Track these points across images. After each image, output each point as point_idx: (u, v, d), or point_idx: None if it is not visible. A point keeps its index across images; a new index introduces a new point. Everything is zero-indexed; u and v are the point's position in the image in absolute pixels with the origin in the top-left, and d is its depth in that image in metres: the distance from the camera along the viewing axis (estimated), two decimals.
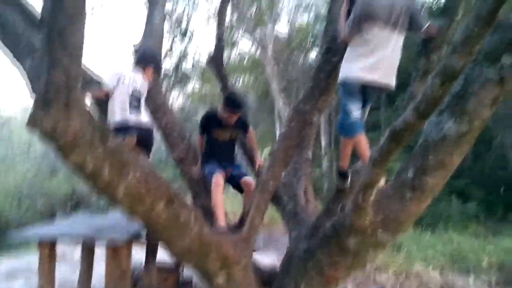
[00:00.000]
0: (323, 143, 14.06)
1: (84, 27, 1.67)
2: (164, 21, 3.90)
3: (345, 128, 3.09)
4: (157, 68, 3.44)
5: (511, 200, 12.49)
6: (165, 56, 10.62)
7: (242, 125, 3.95)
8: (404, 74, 12.12)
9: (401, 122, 1.80)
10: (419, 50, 3.23)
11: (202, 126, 3.91)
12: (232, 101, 3.77)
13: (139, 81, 3.35)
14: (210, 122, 3.88)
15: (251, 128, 4.04)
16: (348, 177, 3.17)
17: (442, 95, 1.63)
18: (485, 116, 2.24)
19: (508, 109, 11.97)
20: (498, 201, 12.54)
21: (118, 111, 3.30)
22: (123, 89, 3.30)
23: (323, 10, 13.85)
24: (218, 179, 3.53)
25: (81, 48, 1.67)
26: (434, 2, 11.51)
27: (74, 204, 16.64)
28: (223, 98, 3.86)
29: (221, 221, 3.45)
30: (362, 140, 2.99)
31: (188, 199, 3.87)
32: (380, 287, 5.80)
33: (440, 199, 10.51)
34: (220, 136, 3.87)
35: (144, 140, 3.32)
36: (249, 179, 3.71)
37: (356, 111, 3.04)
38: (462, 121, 2.24)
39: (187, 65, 13.05)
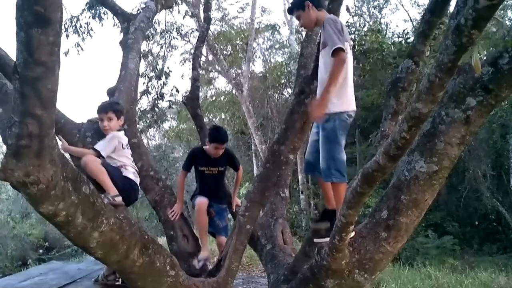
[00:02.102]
0: (300, 180, 14.11)
1: (57, 75, 1.67)
2: (139, 65, 3.95)
3: (341, 170, 2.88)
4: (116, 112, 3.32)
5: (486, 232, 12.69)
6: (141, 96, 10.64)
7: (229, 161, 4.13)
8: (376, 111, 12.43)
9: (372, 164, 1.84)
10: (388, 91, 3.32)
11: (188, 162, 4.06)
12: (219, 134, 3.95)
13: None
14: (197, 159, 4.04)
15: (240, 168, 4.25)
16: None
17: (410, 139, 1.68)
18: (454, 155, 2.31)
19: (479, 142, 12.33)
20: (473, 233, 12.73)
21: (131, 171, 3.28)
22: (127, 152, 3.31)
23: (297, 48, 14.20)
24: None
25: (54, 96, 1.67)
26: (403, 40, 11.93)
27: (47, 248, 16.18)
28: (208, 133, 4.02)
29: (204, 251, 3.67)
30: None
31: (164, 242, 3.82)
32: None
33: (417, 233, 10.60)
34: (208, 170, 4.02)
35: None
36: (223, 239, 3.87)
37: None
38: (432, 160, 2.30)
39: (163, 104, 13.07)
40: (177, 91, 11.57)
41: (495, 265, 9.02)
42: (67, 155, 2.80)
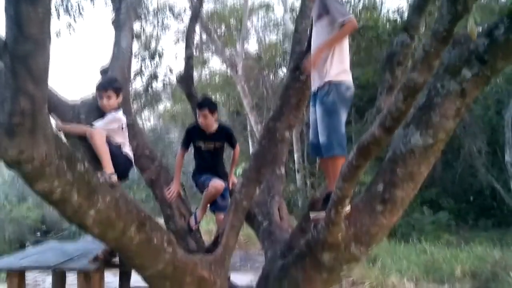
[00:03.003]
0: (296, 159, 14.14)
1: (49, 52, 1.65)
2: (132, 44, 3.90)
3: (341, 144, 2.88)
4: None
5: (481, 207, 12.81)
6: (135, 77, 10.57)
7: (227, 137, 4.12)
8: (371, 89, 12.41)
9: (368, 137, 1.84)
10: (383, 65, 3.30)
11: (185, 138, 4.10)
12: (199, 101, 4.02)
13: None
14: (192, 134, 4.05)
15: (237, 146, 4.25)
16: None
17: (406, 110, 1.68)
18: (450, 128, 2.31)
19: (474, 118, 12.36)
20: (468, 209, 12.85)
21: (127, 149, 3.33)
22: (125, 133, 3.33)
23: (292, 27, 14.08)
24: (219, 184, 3.78)
25: (46, 72, 1.65)
26: (398, 18, 11.85)
27: (44, 231, 16.24)
28: None
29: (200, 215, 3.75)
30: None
31: (161, 221, 3.83)
32: None
33: (412, 210, 10.70)
34: (205, 146, 4.02)
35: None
36: (222, 217, 3.82)
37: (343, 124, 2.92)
38: (427, 133, 2.30)
39: (157, 85, 13.02)
40: (171, 71, 11.51)
41: (490, 239, 9.13)
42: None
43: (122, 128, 3.28)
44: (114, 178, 2.81)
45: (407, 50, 3.22)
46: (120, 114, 3.29)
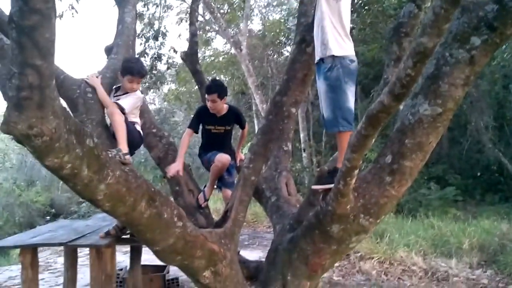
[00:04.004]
0: (302, 138, 14.13)
1: (54, 24, 1.64)
2: (135, 20, 3.87)
3: (348, 118, 2.82)
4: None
5: (488, 183, 12.80)
6: (139, 57, 10.51)
7: (236, 118, 4.13)
8: (377, 66, 12.29)
9: (377, 105, 1.83)
10: (390, 37, 3.26)
11: (194, 120, 4.05)
12: (208, 85, 3.95)
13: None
14: (202, 116, 4.02)
15: (246, 125, 4.25)
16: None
17: (415, 76, 1.66)
18: (458, 97, 2.29)
19: (481, 94, 12.26)
20: (475, 185, 12.84)
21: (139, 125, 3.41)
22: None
23: (295, 5, 13.91)
24: (226, 159, 3.80)
25: (52, 45, 1.64)
26: None
27: (53, 214, 16.41)
28: None
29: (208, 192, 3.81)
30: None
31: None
32: (365, 276, 5.87)
33: (420, 186, 10.70)
34: (215, 129, 4.02)
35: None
36: (229, 193, 3.87)
37: (353, 98, 2.86)
38: (436, 102, 2.29)
39: (161, 67, 12.97)
40: (175, 51, 11.42)
41: (497, 214, 9.15)
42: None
43: (138, 108, 3.39)
44: (128, 157, 2.82)
45: (415, 21, 3.17)
46: (141, 94, 3.40)
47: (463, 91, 2.30)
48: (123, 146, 2.91)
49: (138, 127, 3.36)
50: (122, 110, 3.12)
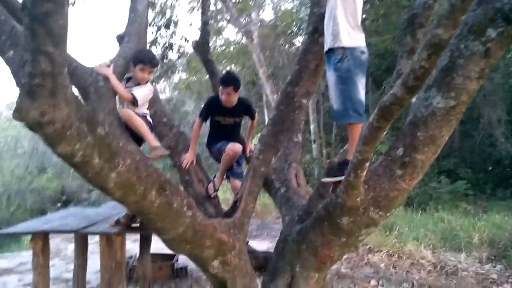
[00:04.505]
0: (312, 129, 14.09)
1: (67, 11, 1.63)
2: (147, 9, 3.86)
3: (358, 110, 2.77)
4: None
5: (499, 177, 12.67)
6: (150, 47, 10.52)
7: (246, 110, 4.09)
8: (389, 58, 12.14)
9: (390, 97, 1.81)
10: (404, 28, 3.22)
11: (204, 111, 4.02)
12: (223, 77, 3.89)
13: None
14: (213, 107, 3.98)
15: (256, 117, 4.19)
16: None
17: (429, 68, 1.63)
18: (473, 90, 2.26)
19: (494, 87, 12.10)
20: (487, 179, 12.73)
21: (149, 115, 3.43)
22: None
23: None
24: (238, 148, 3.76)
25: (65, 33, 1.64)
26: None
27: (64, 201, 16.59)
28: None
29: (218, 182, 3.80)
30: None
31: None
32: (373, 268, 5.86)
33: (430, 179, 10.63)
34: (224, 120, 3.99)
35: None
36: (237, 183, 3.85)
37: (363, 90, 2.81)
38: (449, 95, 2.26)
39: (172, 56, 12.97)
40: (186, 40, 11.40)
41: (508, 208, 9.05)
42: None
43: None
44: (163, 149, 2.88)
45: (429, 12, 3.13)
46: (151, 85, 3.40)
47: (477, 84, 2.26)
48: (152, 140, 3.08)
49: (149, 118, 3.37)
50: (135, 101, 3.14)
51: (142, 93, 3.23)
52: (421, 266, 5.87)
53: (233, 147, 3.76)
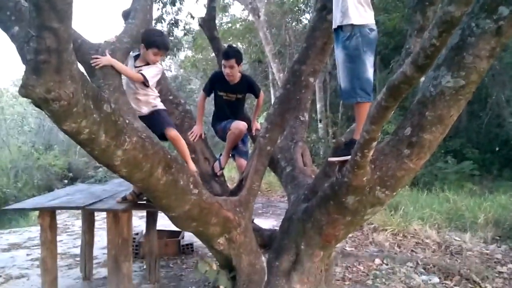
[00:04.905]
0: (318, 109, 14.02)
1: None
2: None
3: (366, 89, 2.72)
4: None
5: (506, 158, 12.61)
6: (156, 24, 10.43)
7: (249, 88, 4.08)
8: (398, 36, 11.98)
9: (399, 75, 1.78)
10: (414, 6, 3.16)
11: (207, 84, 4.08)
12: (225, 51, 3.92)
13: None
14: (216, 82, 4.00)
15: (261, 94, 4.19)
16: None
17: (440, 46, 1.61)
18: (483, 69, 2.23)
19: (503, 67, 11.95)
20: (493, 159, 12.67)
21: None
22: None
23: None
24: (243, 125, 3.78)
25: (70, 8, 1.62)
26: None
27: (71, 178, 16.71)
28: None
29: (224, 161, 3.81)
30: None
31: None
32: (378, 247, 5.89)
33: (436, 159, 10.60)
34: (226, 96, 3.99)
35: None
36: (243, 162, 3.87)
37: (371, 68, 2.76)
38: (459, 74, 2.23)
39: (178, 33, 12.87)
40: (192, 17, 11.28)
41: None
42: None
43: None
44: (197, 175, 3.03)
45: None
46: (160, 65, 3.40)
47: (488, 63, 2.23)
48: (190, 163, 3.24)
49: (159, 101, 3.39)
50: (146, 81, 3.15)
51: (152, 72, 3.23)
52: (426, 245, 5.89)
53: (238, 125, 3.76)
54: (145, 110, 3.28)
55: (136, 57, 3.33)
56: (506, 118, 12.31)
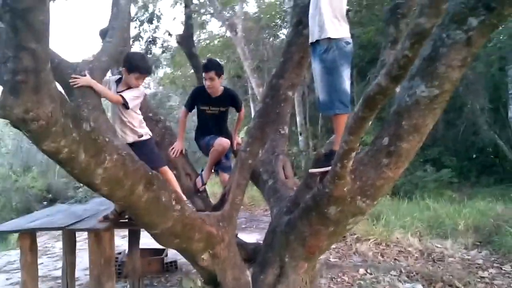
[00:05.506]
0: (298, 122, 14.13)
1: (48, 6, 1.62)
2: (130, 3, 3.83)
3: (344, 101, 2.78)
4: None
5: (483, 165, 12.88)
6: (133, 42, 10.43)
7: (232, 101, 4.12)
8: (373, 49, 12.19)
9: (374, 87, 1.83)
10: (387, 19, 3.24)
11: (190, 100, 4.10)
12: (205, 63, 3.98)
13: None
14: (198, 97, 4.03)
15: (243, 109, 4.25)
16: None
17: (413, 58, 1.65)
18: (455, 78, 2.29)
19: (476, 76, 12.25)
20: (471, 167, 12.92)
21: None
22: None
23: None
24: (226, 142, 3.82)
25: (47, 28, 1.62)
26: None
27: (50, 199, 16.42)
28: None
29: (206, 176, 3.87)
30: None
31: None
32: (362, 257, 5.93)
33: (416, 168, 10.75)
34: (209, 109, 4.02)
35: None
36: (226, 177, 3.85)
37: (348, 81, 2.81)
38: (433, 84, 2.29)
39: (156, 51, 12.88)
40: (170, 35, 11.32)
41: (492, 195, 9.20)
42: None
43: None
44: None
45: (412, 2, 3.16)
46: (142, 88, 3.40)
47: (460, 72, 2.29)
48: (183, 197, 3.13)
49: (144, 127, 3.40)
50: (125, 104, 3.14)
51: (132, 94, 3.21)
52: (409, 253, 5.95)
53: (221, 142, 3.78)
54: (130, 138, 3.25)
55: (118, 81, 3.31)
56: (481, 126, 12.59)
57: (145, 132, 3.33)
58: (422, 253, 5.93)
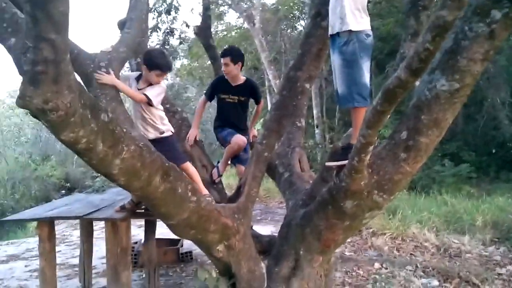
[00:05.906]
0: (315, 114, 14.06)
1: None
2: None
3: (363, 94, 2.75)
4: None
5: (503, 160, 12.65)
6: (151, 33, 10.46)
7: (252, 92, 4.14)
8: (392, 41, 12.04)
9: (394, 80, 1.80)
10: (407, 10, 3.19)
11: (210, 89, 4.15)
12: (222, 50, 4.04)
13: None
14: (219, 85, 4.08)
15: (262, 101, 4.27)
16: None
17: (434, 51, 1.62)
18: (477, 72, 2.24)
19: (498, 70, 12.02)
20: (490, 162, 12.69)
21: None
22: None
23: None
24: (242, 140, 3.83)
25: (66, 18, 1.63)
26: None
27: (68, 188, 16.64)
28: None
29: (222, 168, 3.83)
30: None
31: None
32: (377, 251, 5.90)
33: (433, 163, 10.62)
34: (229, 98, 4.05)
35: None
36: (243, 169, 3.85)
37: (368, 74, 2.77)
38: (453, 78, 2.24)
39: (174, 42, 12.91)
40: (187, 26, 11.31)
41: None
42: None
43: None
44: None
45: None
46: (163, 84, 3.37)
47: (481, 66, 2.25)
48: (202, 190, 3.16)
49: (166, 123, 3.37)
50: (149, 101, 3.13)
51: (156, 92, 3.19)
52: (425, 248, 5.89)
53: (238, 140, 3.79)
54: (152, 134, 3.24)
55: (138, 78, 3.31)
56: (502, 120, 12.35)
57: (167, 129, 3.32)
58: (438, 248, 5.87)
